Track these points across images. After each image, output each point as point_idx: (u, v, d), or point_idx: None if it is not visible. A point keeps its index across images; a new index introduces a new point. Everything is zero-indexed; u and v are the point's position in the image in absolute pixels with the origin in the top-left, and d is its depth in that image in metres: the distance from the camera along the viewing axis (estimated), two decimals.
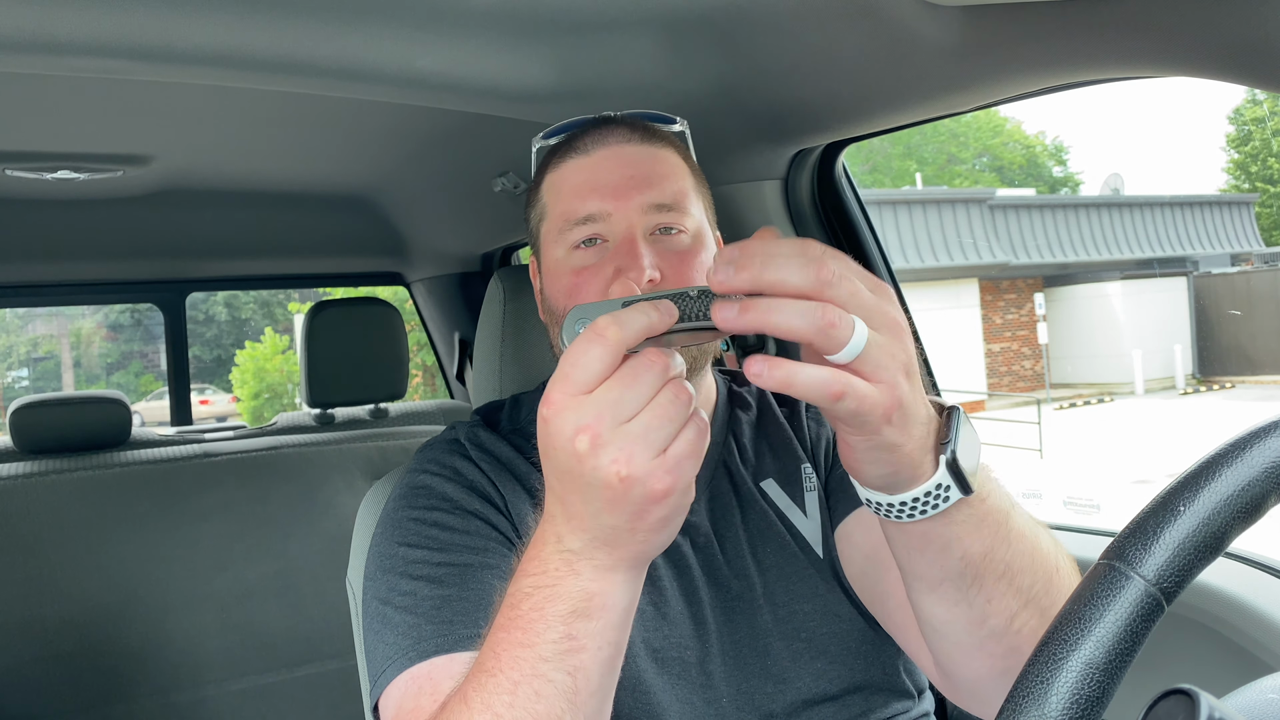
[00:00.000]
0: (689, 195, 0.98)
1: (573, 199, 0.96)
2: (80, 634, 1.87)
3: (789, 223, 1.59)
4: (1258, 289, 18.01)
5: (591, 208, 0.94)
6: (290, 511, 2.08)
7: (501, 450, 0.99)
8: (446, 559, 0.86)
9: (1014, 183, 31.79)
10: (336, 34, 1.10)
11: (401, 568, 0.87)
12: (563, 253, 0.97)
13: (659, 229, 0.95)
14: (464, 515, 0.90)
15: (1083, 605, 0.48)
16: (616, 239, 0.94)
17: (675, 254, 0.94)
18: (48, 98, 1.54)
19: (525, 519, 0.93)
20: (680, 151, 1.02)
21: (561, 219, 0.97)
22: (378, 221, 2.53)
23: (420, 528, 0.90)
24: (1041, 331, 17.73)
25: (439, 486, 0.94)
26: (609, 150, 0.98)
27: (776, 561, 0.97)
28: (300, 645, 2.04)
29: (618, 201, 0.94)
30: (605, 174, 0.96)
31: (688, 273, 0.94)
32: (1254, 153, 28.26)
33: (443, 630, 0.80)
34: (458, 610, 0.81)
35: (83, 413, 2.07)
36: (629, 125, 1.00)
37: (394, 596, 0.85)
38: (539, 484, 0.94)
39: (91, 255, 2.45)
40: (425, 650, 0.79)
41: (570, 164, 0.99)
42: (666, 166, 0.98)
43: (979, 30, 0.97)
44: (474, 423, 1.05)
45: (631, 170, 0.96)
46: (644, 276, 0.90)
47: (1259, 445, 0.50)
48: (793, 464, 1.03)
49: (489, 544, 0.88)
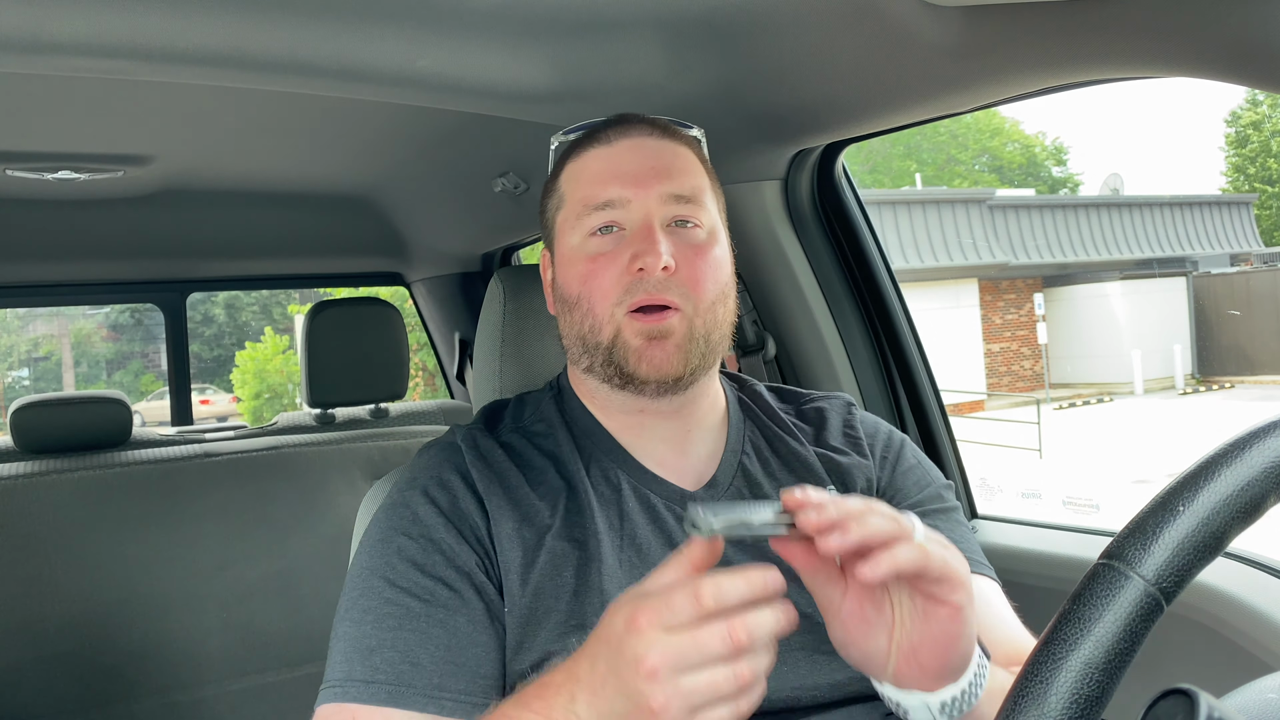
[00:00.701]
0: (706, 192, 0.99)
1: (593, 184, 0.97)
2: (81, 634, 1.87)
3: (789, 223, 1.59)
4: (1257, 289, 18.01)
5: (611, 194, 0.95)
6: (291, 511, 2.08)
7: (496, 459, 0.98)
8: (395, 599, 0.87)
9: (1013, 183, 31.77)
10: (336, 34, 1.11)
11: (361, 586, 0.89)
12: (578, 239, 0.97)
13: (676, 220, 0.96)
14: (430, 550, 0.89)
15: (1082, 605, 0.49)
16: (634, 227, 0.94)
17: (691, 247, 0.95)
18: (48, 98, 1.54)
19: (505, 535, 0.91)
20: (697, 152, 1.03)
21: (580, 204, 0.97)
22: (378, 222, 2.54)
23: (386, 554, 0.90)
24: (1041, 331, 17.72)
25: (419, 510, 0.92)
26: (631, 141, 0.99)
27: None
28: (301, 645, 2.04)
29: (638, 189, 0.95)
30: (626, 162, 0.97)
31: (701, 266, 0.95)
32: (1252, 154, 28.28)
33: (369, 675, 0.83)
34: (387, 659, 0.84)
35: (83, 413, 2.07)
36: (650, 121, 1.02)
37: (351, 612, 0.88)
38: (528, 499, 0.93)
39: (92, 255, 2.45)
40: (350, 693, 0.83)
41: (591, 153, 1.00)
42: (686, 162, 0.99)
43: (979, 30, 0.98)
44: (474, 426, 1.04)
45: (653, 161, 0.97)
46: (660, 263, 0.90)
47: (1258, 445, 0.50)
48: (818, 482, 1.01)
49: (438, 589, 0.87)
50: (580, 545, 0.91)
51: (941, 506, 1.04)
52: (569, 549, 0.91)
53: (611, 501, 0.95)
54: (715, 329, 0.97)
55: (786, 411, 1.10)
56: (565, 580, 0.89)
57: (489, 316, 1.21)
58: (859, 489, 1.03)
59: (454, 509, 0.92)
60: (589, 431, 1.01)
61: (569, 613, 0.88)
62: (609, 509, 0.95)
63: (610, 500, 0.96)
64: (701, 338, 0.95)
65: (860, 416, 1.11)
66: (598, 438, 1.00)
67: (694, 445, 1.01)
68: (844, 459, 1.04)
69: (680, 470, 1.00)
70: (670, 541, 0.94)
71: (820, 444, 1.06)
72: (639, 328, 0.93)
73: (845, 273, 1.63)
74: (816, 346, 1.62)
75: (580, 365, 1.00)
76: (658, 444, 1.00)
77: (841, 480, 1.03)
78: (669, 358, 0.93)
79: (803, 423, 1.09)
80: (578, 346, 0.99)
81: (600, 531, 0.92)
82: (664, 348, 0.93)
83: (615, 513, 0.95)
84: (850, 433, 1.08)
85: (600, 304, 0.94)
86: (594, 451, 0.99)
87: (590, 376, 1.00)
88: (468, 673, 0.84)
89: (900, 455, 1.08)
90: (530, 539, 0.91)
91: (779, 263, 1.59)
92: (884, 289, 1.62)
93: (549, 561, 0.90)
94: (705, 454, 1.02)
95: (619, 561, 0.91)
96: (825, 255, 1.62)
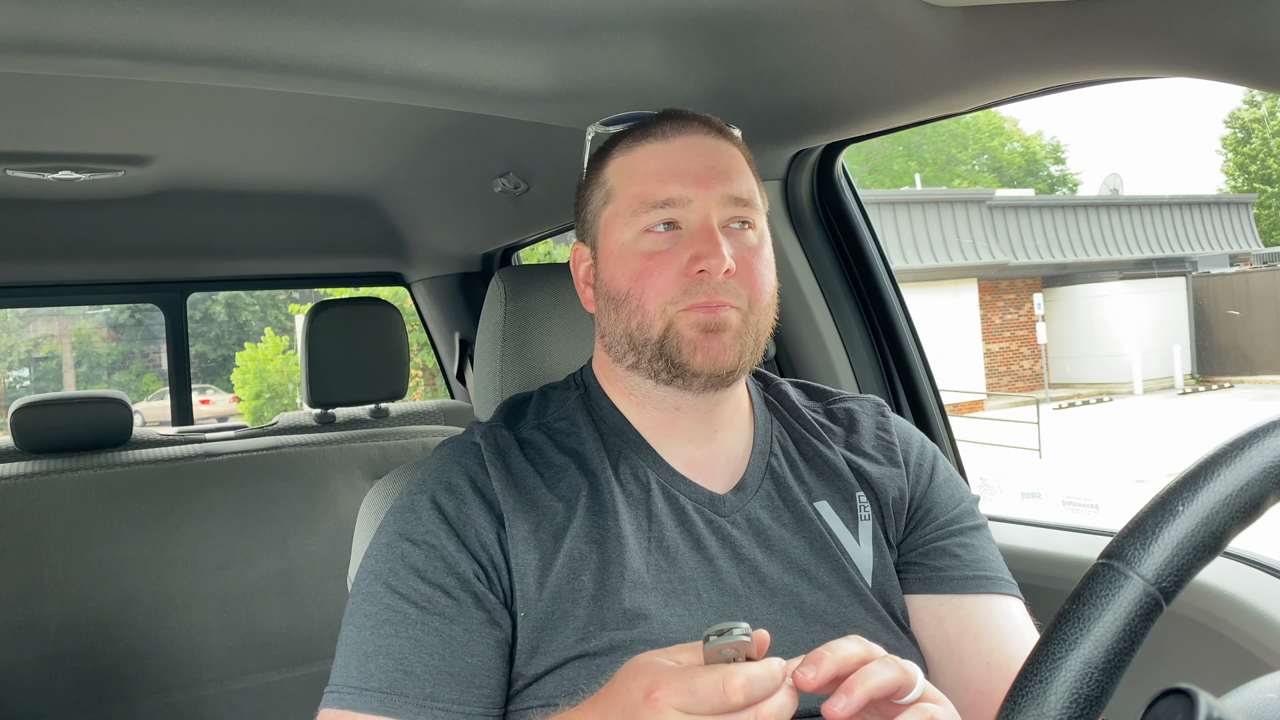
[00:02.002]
0: (757, 194, 0.99)
1: (651, 181, 0.95)
2: (81, 633, 1.87)
3: (789, 223, 1.59)
4: (1256, 289, 18.01)
5: (672, 192, 0.94)
6: (291, 511, 2.08)
7: (515, 458, 0.96)
8: (394, 605, 0.86)
9: (1013, 183, 31.77)
10: (336, 34, 1.11)
11: (364, 590, 0.89)
12: (631, 236, 0.95)
13: (733, 222, 0.95)
14: (432, 557, 0.88)
15: (1082, 605, 0.49)
16: (693, 227, 0.93)
17: (748, 249, 0.95)
18: (48, 98, 1.54)
19: (521, 539, 0.90)
20: (747, 154, 1.02)
21: (636, 201, 0.95)
22: (378, 222, 2.54)
23: (390, 559, 0.90)
24: (1040, 331, 17.71)
25: (425, 515, 0.91)
26: (689, 139, 0.97)
27: (829, 582, 0.94)
28: (301, 644, 2.04)
29: (699, 189, 0.94)
30: (687, 161, 0.95)
31: (757, 266, 0.95)
32: (1253, 154, 28.27)
33: (363, 682, 0.84)
34: (381, 666, 0.84)
35: (84, 412, 2.07)
36: (702, 119, 1.00)
37: (354, 616, 0.88)
38: (545, 500, 0.93)
39: (92, 255, 2.45)
40: (345, 699, 0.83)
41: (647, 148, 0.98)
42: (740, 163, 0.99)
43: (979, 30, 0.98)
44: (495, 422, 1.02)
45: (712, 161, 0.96)
46: (724, 266, 0.90)
47: (1258, 445, 0.50)
48: (847, 490, 1.00)
49: (437, 596, 0.87)
50: (599, 546, 0.90)
51: (974, 524, 1.03)
52: (588, 551, 0.90)
53: (640, 501, 0.94)
54: (765, 329, 0.97)
55: (813, 410, 1.09)
56: (583, 584, 0.88)
57: (490, 317, 1.21)
58: (890, 500, 1.01)
59: (460, 516, 0.91)
60: (617, 429, 1.00)
61: (588, 618, 0.87)
62: (636, 509, 0.94)
63: (639, 500, 0.94)
64: (753, 336, 0.95)
65: (894, 421, 1.09)
66: (627, 435, 0.99)
67: (722, 446, 1.00)
68: (875, 468, 1.02)
69: (709, 472, 0.98)
70: (698, 545, 0.92)
71: (851, 448, 1.05)
72: (695, 319, 0.92)
73: (845, 273, 1.63)
74: (816, 346, 1.62)
75: (624, 363, 0.98)
76: (686, 444, 0.99)
77: (871, 490, 1.01)
78: (725, 349, 0.92)
79: (831, 423, 1.07)
80: (623, 344, 0.97)
81: (625, 535, 0.91)
82: (720, 340, 0.92)
83: (643, 513, 0.93)
84: (884, 436, 1.06)
85: (653, 301, 0.93)
86: (623, 449, 0.98)
87: (634, 374, 0.98)
88: (462, 683, 0.84)
89: (935, 469, 1.06)
90: (547, 541, 0.90)
91: (779, 263, 1.57)
92: (884, 289, 1.62)
93: (566, 565, 0.89)
94: (734, 455, 1.01)
95: (645, 565, 0.90)
96: (825, 255, 1.62)
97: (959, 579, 0.98)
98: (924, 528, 1.02)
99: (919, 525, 1.02)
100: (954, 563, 0.99)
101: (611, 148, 1.02)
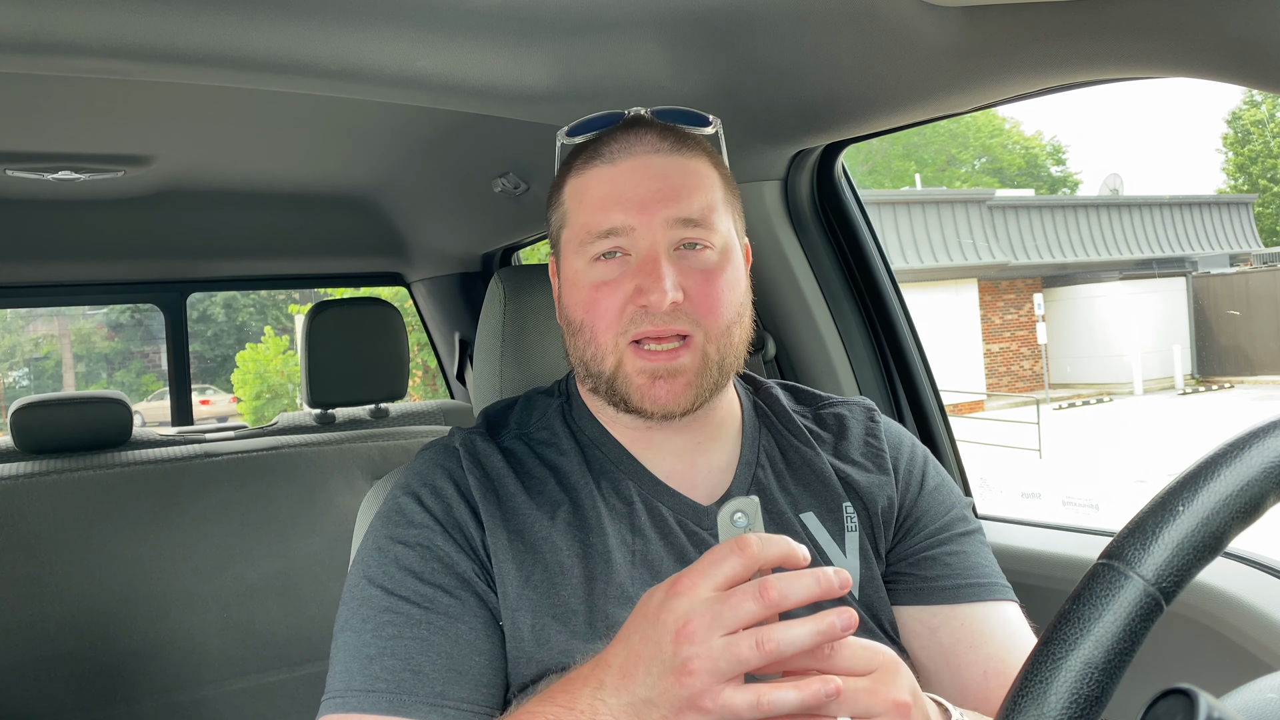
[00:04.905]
0: (717, 209, 0.95)
1: (595, 210, 0.93)
2: (81, 634, 1.87)
3: (789, 223, 1.59)
4: (1256, 289, 18.01)
5: (615, 221, 0.91)
6: (291, 511, 2.08)
7: (494, 466, 0.95)
8: (394, 606, 0.86)
9: (1013, 183, 31.75)
10: (336, 34, 1.11)
11: (359, 595, 0.88)
12: (583, 264, 0.94)
13: (684, 244, 0.92)
14: (428, 558, 0.88)
15: (1082, 605, 0.49)
16: (639, 255, 0.91)
17: (700, 272, 0.92)
18: (48, 98, 1.54)
19: (500, 547, 0.89)
20: (712, 158, 0.98)
21: (583, 230, 0.93)
22: (378, 222, 2.54)
23: (383, 563, 0.89)
24: (1040, 332, 17.71)
25: (415, 517, 0.91)
26: (636, 161, 0.94)
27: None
28: (301, 644, 2.04)
29: (642, 215, 0.91)
30: (630, 186, 0.92)
31: (712, 292, 0.92)
32: (1253, 154, 28.27)
33: (369, 684, 0.83)
34: (387, 667, 0.83)
35: (83, 413, 2.07)
36: (659, 132, 0.97)
37: (350, 621, 0.87)
38: (524, 509, 0.91)
39: (92, 255, 2.45)
40: (350, 702, 0.82)
41: (595, 172, 0.95)
42: (696, 179, 0.94)
43: (979, 31, 0.98)
44: (475, 430, 1.01)
45: (658, 183, 0.92)
46: (666, 299, 0.88)
47: (1258, 445, 0.50)
48: (834, 500, 0.99)
49: (439, 596, 0.86)
50: (583, 561, 0.90)
51: (965, 530, 1.02)
52: (570, 564, 0.89)
53: (623, 515, 0.93)
54: (730, 353, 0.94)
55: (803, 415, 1.07)
56: (564, 599, 0.88)
57: (489, 317, 1.21)
58: (879, 510, 1.00)
59: (449, 516, 0.91)
60: (598, 441, 0.99)
61: (571, 633, 0.86)
62: (620, 523, 0.93)
63: (622, 514, 0.93)
64: (715, 365, 0.92)
65: (884, 425, 1.07)
66: (608, 448, 0.98)
67: (706, 457, 0.99)
68: (863, 476, 1.01)
69: (692, 483, 0.97)
70: (682, 558, 0.91)
71: (839, 455, 1.03)
72: (642, 366, 0.91)
73: (845, 273, 1.63)
74: (816, 346, 1.62)
75: (585, 386, 0.99)
76: (668, 456, 0.98)
77: (860, 500, 1.00)
78: (676, 396, 0.91)
79: (820, 429, 1.06)
80: (581, 369, 0.96)
81: (611, 549, 0.90)
82: (672, 386, 0.91)
83: (627, 527, 0.93)
84: (873, 443, 1.05)
85: (603, 333, 0.92)
86: (604, 463, 0.97)
87: (596, 397, 0.98)
88: (470, 681, 0.83)
89: (925, 475, 1.04)
90: (524, 552, 0.89)
91: (779, 263, 1.59)
92: (884, 289, 1.62)
93: (544, 578, 0.88)
94: (718, 465, 0.99)
95: (630, 579, 0.89)
96: (825, 255, 1.62)
97: (950, 589, 0.97)
98: (913, 536, 1.01)
99: (908, 534, 1.01)
100: (945, 572, 0.98)
101: (571, 164, 0.99)
